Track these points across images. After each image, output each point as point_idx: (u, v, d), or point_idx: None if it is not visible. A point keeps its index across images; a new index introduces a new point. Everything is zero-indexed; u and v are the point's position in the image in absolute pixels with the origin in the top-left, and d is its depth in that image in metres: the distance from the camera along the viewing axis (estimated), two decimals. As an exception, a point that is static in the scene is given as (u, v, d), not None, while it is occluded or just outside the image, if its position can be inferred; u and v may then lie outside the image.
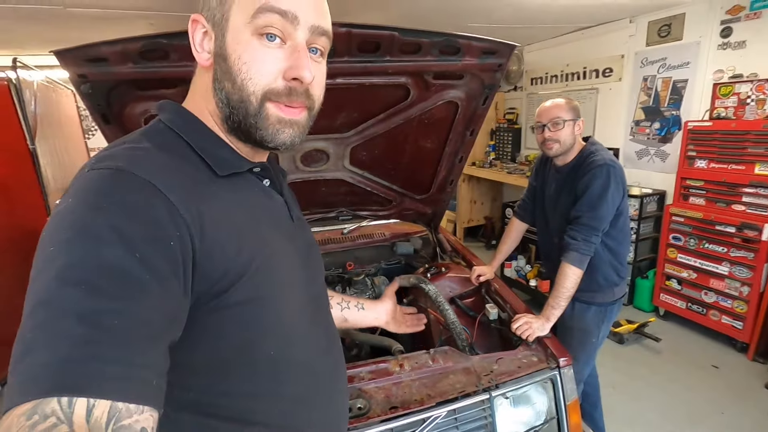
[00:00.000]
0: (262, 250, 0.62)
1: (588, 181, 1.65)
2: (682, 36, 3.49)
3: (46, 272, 0.44)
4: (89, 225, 0.46)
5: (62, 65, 1.25)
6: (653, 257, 3.74)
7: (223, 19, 0.59)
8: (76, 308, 0.42)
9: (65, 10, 2.65)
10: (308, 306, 0.73)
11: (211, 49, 0.61)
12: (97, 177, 0.50)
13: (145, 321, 0.45)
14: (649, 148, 3.89)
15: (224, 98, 0.61)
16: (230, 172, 0.64)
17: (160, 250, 0.49)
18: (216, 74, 0.62)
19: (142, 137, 0.60)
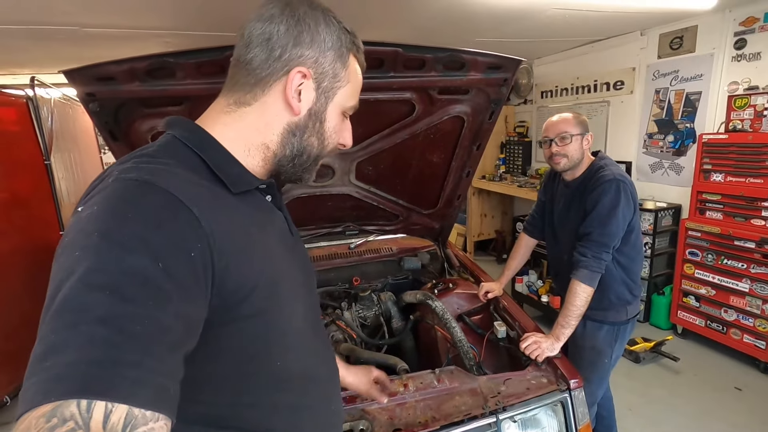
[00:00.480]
0: (271, 264, 0.66)
1: (597, 196, 1.61)
2: (695, 48, 3.44)
3: (72, 275, 0.45)
4: (116, 233, 0.48)
5: (71, 84, 1.27)
6: (670, 273, 3.64)
7: (331, 90, 0.70)
8: (100, 312, 0.44)
9: (82, 30, 2.73)
10: (309, 316, 0.77)
11: (310, 105, 0.69)
12: (123, 187, 0.52)
13: (165, 329, 0.47)
14: (663, 161, 3.82)
15: (301, 147, 0.70)
16: (243, 190, 0.67)
17: (183, 260, 0.50)
18: (305, 126, 0.70)
19: (161, 151, 0.62)
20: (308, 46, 0.66)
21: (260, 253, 0.64)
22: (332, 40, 0.68)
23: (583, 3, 2.69)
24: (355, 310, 2.09)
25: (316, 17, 0.67)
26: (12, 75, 4.07)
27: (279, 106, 0.68)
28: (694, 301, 3.32)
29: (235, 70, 0.68)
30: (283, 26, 0.65)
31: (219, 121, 0.68)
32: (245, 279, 0.59)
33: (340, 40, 0.69)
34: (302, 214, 2.21)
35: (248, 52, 0.66)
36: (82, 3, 2.35)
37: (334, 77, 0.69)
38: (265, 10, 0.66)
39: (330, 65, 0.68)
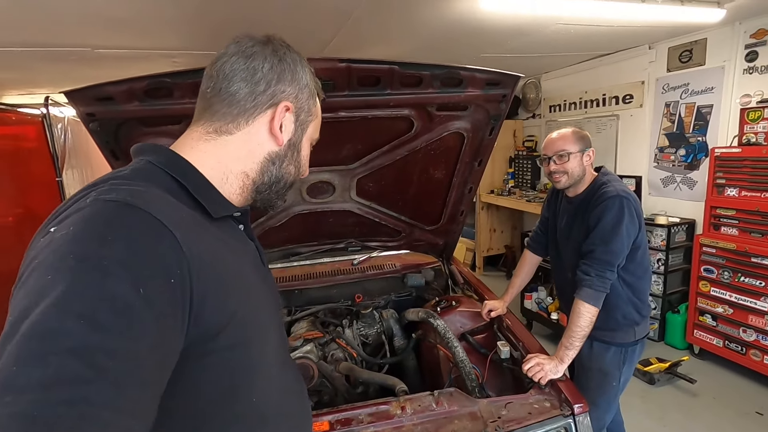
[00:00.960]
0: (248, 293, 0.66)
1: (600, 213, 1.57)
2: (705, 61, 3.39)
3: (43, 300, 0.42)
4: (94, 255, 0.45)
5: (72, 104, 1.30)
6: (685, 290, 3.52)
7: (305, 124, 0.76)
8: (72, 342, 0.40)
9: (93, 51, 2.82)
10: (280, 348, 0.77)
11: (290, 136, 0.74)
12: (103, 208, 0.50)
13: (140, 364, 0.44)
14: (675, 175, 3.74)
15: (280, 174, 0.74)
16: (222, 215, 0.68)
17: (163, 287, 0.48)
18: (284, 155, 0.74)
19: (136, 175, 0.60)
20: (290, 83, 0.71)
21: (237, 283, 0.63)
22: (308, 79, 0.75)
23: (588, 18, 2.68)
24: (357, 328, 2.06)
25: (294, 59, 0.73)
26: (30, 94, 4.21)
27: (263, 137, 0.71)
28: (710, 320, 3.20)
29: (212, 102, 0.69)
30: (268, 64, 0.69)
31: (197, 148, 0.68)
32: (223, 308, 0.57)
33: (313, 80, 0.76)
34: (304, 231, 2.21)
35: (231, 85, 0.68)
36: (96, 26, 2.43)
37: (308, 112, 0.76)
38: (246, 48, 0.69)
39: (306, 101, 0.75)
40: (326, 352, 1.89)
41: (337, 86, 1.38)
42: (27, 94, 4.22)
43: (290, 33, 2.81)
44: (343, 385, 1.79)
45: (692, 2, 2.52)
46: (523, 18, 2.63)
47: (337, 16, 2.56)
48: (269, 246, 2.23)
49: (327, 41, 3.11)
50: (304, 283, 2.24)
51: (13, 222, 3.08)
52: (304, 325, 1.99)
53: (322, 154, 1.79)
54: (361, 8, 2.40)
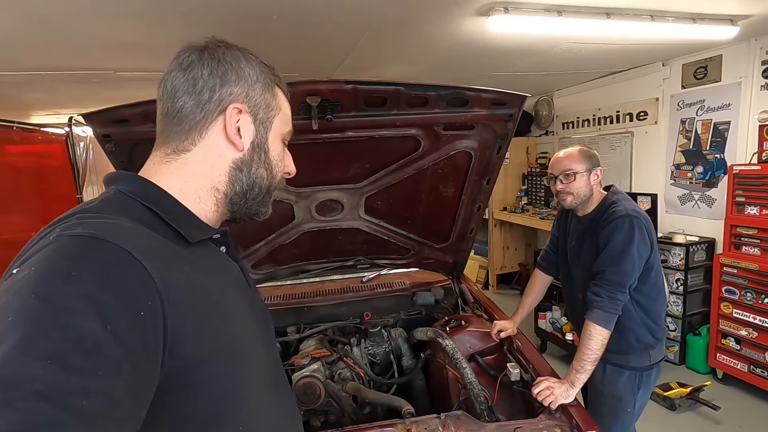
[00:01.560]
0: (229, 319, 0.62)
1: (609, 233, 1.54)
2: (721, 78, 3.35)
3: (4, 344, 0.40)
4: (57, 294, 0.43)
5: (90, 126, 1.35)
6: (706, 311, 3.41)
7: (267, 121, 0.71)
8: (40, 385, 0.38)
9: (115, 74, 2.94)
10: (271, 371, 0.73)
11: (251, 138, 0.69)
12: (66, 244, 0.48)
13: (115, 402, 0.42)
14: (692, 192, 3.65)
15: (251, 181, 0.70)
16: (199, 239, 0.65)
17: (134, 322, 0.46)
18: (250, 159, 0.70)
19: (105, 206, 0.59)
20: (235, 83, 0.67)
21: (217, 310, 0.60)
22: (256, 73, 0.69)
23: (597, 36, 2.68)
24: (365, 347, 2.04)
25: (236, 56, 0.68)
26: (55, 114, 4.39)
27: (221, 146, 0.67)
28: (734, 344, 3.07)
29: (164, 124, 0.67)
30: (206, 69, 0.65)
31: (161, 172, 0.65)
32: (201, 338, 0.55)
33: (263, 72, 0.70)
34: (313, 248, 2.22)
35: (176, 101, 0.65)
36: (115, 50, 2.54)
37: (267, 107, 0.71)
38: (183, 60, 0.66)
39: (260, 96, 0.70)
40: (333, 371, 1.88)
41: (344, 107, 1.40)
42: (52, 114, 4.40)
43: (301, 59, 2.90)
44: (350, 405, 1.77)
45: (705, 20, 2.50)
46: (532, 38, 2.65)
47: (346, 42, 2.62)
48: (279, 263, 2.25)
49: (336, 66, 3.18)
50: (313, 301, 2.24)
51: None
52: (311, 342, 1.98)
53: (330, 173, 1.82)
54: (370, 31, 2.45)
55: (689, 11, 2.39)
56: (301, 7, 2.05)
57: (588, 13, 2.25)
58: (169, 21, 2.12)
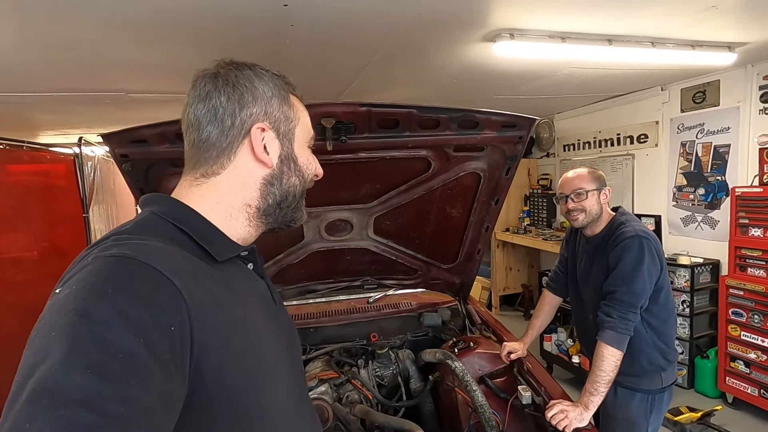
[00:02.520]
0: (254, 337, 0.64)
1: (619, 253, 1.55)
2: (719, 102, 3.42)
3: (49, 357, 0.43)
4: (94, 309, 0.47)
5: (108, 146, 1.37)
6: (713, 334, 3.38)
7: (289, 132, 0.73)
8: (81, 394, 0.41)
9: (127, 96, 3.00)
10: (296, 386, 0.74)
11: (279, 153, 0.72)
12: (103, 264, 0.52)
13: (149, 410, 0.45)
14: (695, 214, 3.68)
15: (285, 191, 0.72)
16: (227, 257, 0.67)
17: (164, 335, 0.49)
18: (279, 173, 0.72)
19: (138, 228, 0.62)
20: (253, 103, 0.69)
21: (242, 327, 0.62)
22: (270, 88, 0.71)
23: (599, 62, 2.75)
24: (372, 369, 2.02)
25: (248, 76, 0.70)
26: (63, 134, 4.45)
27: (251, 166, 0.70)
28: (743, 367, 3.04)
29: (192, 152, 0.70)
30: (224, 96, 0.67)
31: (193, 194, 0.68)
32: (227, 355, 0.57)
33: (276, 86, 0.72)
34: (321, 268, 2.22)
35: (201, 132, 0.68)
36: (128, 72, 2.60)
37: (287, 119, 0.72)
38: (200, 90, 0.68)
39: (279, 110, 0.71)
40: (341, 394, 1.85)
41: (357, 128, 1.43)
42: (60, 134, 4.46)
43: (310, 81, 2.96)
44: (359, 429, 1.73)
45: (703, 47, 2.57)
46: (536, 63, 2.72)
47: (354, 66, 2.69)
48: (286, 283, 2.25)
49: (344, 89, 3.25)
50: (320, 321, 2.22)
51: (38, 256, 3.16)
52: (318, 364, 1.96)
53: (341, 193, 1.84)
54: (379, 56, 2.52)
55: (689, 38, 2.46)
56: (314, 33, 2.11)
57: (591, 40, 2.32)
58: (183, 44, 2.18)
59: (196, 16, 1.83)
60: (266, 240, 0.79)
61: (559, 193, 1.75)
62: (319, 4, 1.78)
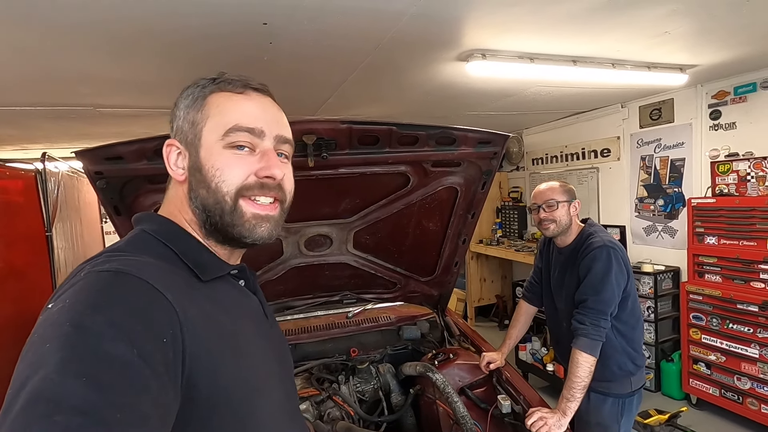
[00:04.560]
0: (244, 353, 0.65)
1: (588, 263, 1.63)
2: (674, 119, 3.65)
3: (42, 368, 0.43)
4: (89, 322, 0.47)
5: (82, 163, 1.33)
6: (676, 338, 3.55)
7: (195, 138, 0.68)
8: (77, 401, 0.41)
9: (96, 110, 2.92)
10: (286, 402, 0.74)
11: (185, 166, 0.68)
12: (96, 278, 0.53)
13: (144, 417, 0.45)
14: (656, 224, 3.88)
15: (200, 204, 0.67)
16: (212, 277, 0.67)
17: (157, 347, 0.50)
18: (191, 185, 0.68)
19: (130, 245, 0.63)
20: (173, 121, 0.71)
21: (233, 343, 0.63)
22: (185, 101, 0.69)
23: (563, 81, 2.90)
24: (353, 384, 2.01)
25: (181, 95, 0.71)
26: (23, 150, 4.25)
27: (175, 182, 0.71)
28: (705, 369, 3.20)
29: None
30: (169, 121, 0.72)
31: (167, 209, 0.71)
32: (218, 370, 0.57)
33: (192, 93, 0.69)
34: (299, 284, 2.20)
35: None
36: (100, 86, 2.53)
37: (193, 124, 0.68)
38: None
39: (184, 119, 0.69)
40: (322, 411, 1.83)
41: (338, 145, 1.45)
42: (20, 149, 4.26)
43: (287, 96, 2.97)
44: (341, 446, 1.71)
45: (658, 68, 2.76)
46: (506, 81, 2.84)
47: (331, 83, 2.73)
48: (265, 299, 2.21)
49: (320, 105, 3.28)
50: (298, 338, 2.20)
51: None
52: (298, 381, 1.93)
53: (321, 208, 1.84)
54: (356, 73, 2.56)
55: (645, 60, 2.64)
56: (292, 51, 2.13)
57: (557, 61, 2.45)
58: (154, 57, 2.14)
59: (171, 29, 1.81)
60: (245, 256, 0.78)
61: (531, 203, 1.83)
62: (298, 23, 1.81)
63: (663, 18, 1.99)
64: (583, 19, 1.94)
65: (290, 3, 1.63)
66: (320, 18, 1.77)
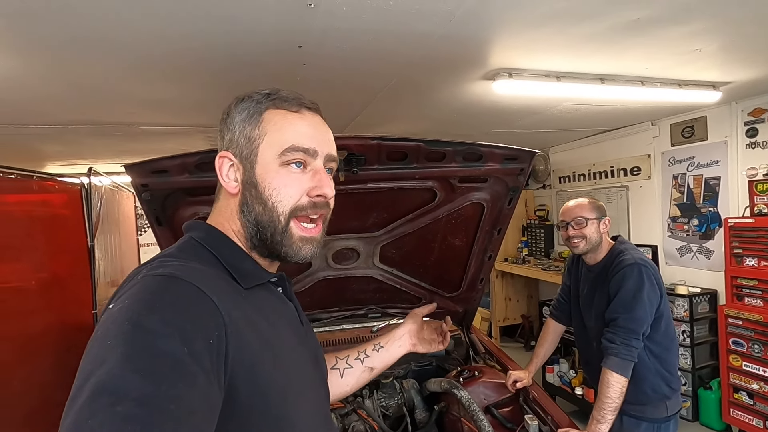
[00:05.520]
0: (281, 358, 0.68)
1: (619, 280, 1.60)
2: (707, 136, 3.56)
3: (105, 362, 0.48)
4: (146, 321, 0.52)
5: (130, 176, 1.43)
6: (715, 364, 3.38)
7: (251, 154, 0.70)
8: (136, 393, 0.45)
9: (139, 128, 3.11)
10: (320, 407, 0.76)
11: (239, 179, 0.71)
12: (151, 281, 0.58)
13: (194, 411, 0.48)
14: (690, 244, 3.75)
15: (253, 219, 0.70)
16: (254, 284, 0.71)
17: (204, 347, 0.53)
18: (245, 199, 0.71)
19: (181, 252, 0.68)
20: (226, 133, 0.73)
21: (271, 349, 0.66)
22: (241, 116, 0.71)
23: (592, 99, 2.89)
24: (377, 399, 2.01)
25: (231, 107, 0.74)
26: (71, 165, 4.53)
27: (226, 194, 0.73)
28: (746, 398, 3.02)
29: None
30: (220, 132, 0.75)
31: (211, 220, 0.75)
32: (256, 373, 0.60)
33: (248, 109, 0.71)
34: (326, 296, 2.24)
35: None
36: (143, 106, 2.71)
37: (249, 140, 0.70)
38: None
39: (240, 133, 0.71)
40: (346, 424, 1.84)
41: (368, 160, 1.50)
42: (68, 165, 4.55)
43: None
44: (366, 459, 1.71)
45: (689, 85, 2.72)
46: (532, 99, 2.85)
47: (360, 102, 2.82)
48: (291, 311, 2.26)
49: (347, 123, 3.38)
50: (324, 351, 2.22)
51: (37, 286, 3.15)
52: (324, 394, 1.95)
53: (349, 222, 1.89)
54: (383, 92, 2.64)
55: (675, 78, 2.61)
56: (324, 71, 2.23)
57: (584, 79, 2.46)
58: (195, 81, 2.29)
59: (212, 57, 1.94)
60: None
61: (560, 220, 1.82)
62: (330, 45, 1.90)
63: (692, 35, 1.98)
64: (608, 37, 1.96)
65: (323, 26, 1.72)
66: (351, 40, 1.85)
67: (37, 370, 2.77)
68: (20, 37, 1.67)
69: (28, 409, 2.66)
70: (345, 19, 1.66)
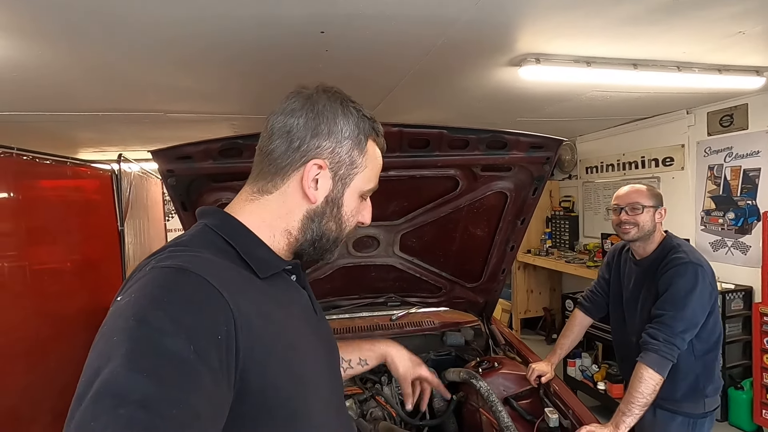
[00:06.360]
0: (295, 348, 0.67)
1: (671, 277, 1.53)
2: (747, 125, 3.38)
3: (111, 360, 0.47)
4: (152, 316, 0.51)
5: (155, 161, 1.46)
6: (747, 364, 3.25)
7: (348, 178, 0.73)
8: (139, 396, 0.45)
9: (166, 115, 3.18)
10: (333, 400, 0.76)
11: (326, 193, 0.72)
12: (159, 274, 0.57)
13: (198, 414, 0.47)
14: (725, 239, 3.59)
15: (320, 231, 0.73)
16: (270, 273, 0.69)
17: (212, 343, 0.52)
18: (323, 212, 0.73)
19: (193, 240, 0.67)
20: (326, 137, 0.70)
21: (284, 338, 0.65)
22: (349, 129, 0.71)
23: (623, 85, 2.78)
24: (395, 386, 2.02)
25: (335, 109, 0.71)
26: (101, 152, 4.68)
27: (298, 195, 0.71)
28: (780, 399, 2.90)
29: (258, 159, 0.73)
30: (303, 119, 0.69)
31: (245, 209, 0.72)
32: (269, 364, 0.59)
33: (357, 128, 0.72)
34: (346, 284, 2.26)
35: (270, 143, 0.70)
36: (169, 94, 2.76)
37: (351, 164, 0.72)
38: (288, 104, 0.71)
39: (347, 153, 0.72)
40: (365, 410, 1.86)
41: (389, 148, 1.48)
42: (99, 151, 4.70)
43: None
44: (383, 445, 1.73)
45: (730, 71, 2.57)
46: (561, 86, 2.76)
47: (382, 87, 2.79)
48: (311, 298, 2.29)
49: (371, 108, 3.34)
50: (343, 337, 2.24)
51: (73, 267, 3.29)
52: (343, 379, 1.97)
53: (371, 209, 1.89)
54: (408, 77, 2.60)
55: (715, 63, 2.47)
56: (346, 58, 2.21)
57: (616, 64, 2.35)
58: (220, 67, 2.29)
59: (233, 42, 1.94)
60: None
61: (614, 204, 1.75)
62: (354, 31, 1.88)
63: (735, 17, 1.86)
64: (645, 20, 1.86)
65: (348, 12, 1.69)
66: (375, 25, 1.82)
67: (71, 348, 2.91)
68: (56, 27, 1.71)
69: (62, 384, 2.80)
70: (369, 4, 1.63)
